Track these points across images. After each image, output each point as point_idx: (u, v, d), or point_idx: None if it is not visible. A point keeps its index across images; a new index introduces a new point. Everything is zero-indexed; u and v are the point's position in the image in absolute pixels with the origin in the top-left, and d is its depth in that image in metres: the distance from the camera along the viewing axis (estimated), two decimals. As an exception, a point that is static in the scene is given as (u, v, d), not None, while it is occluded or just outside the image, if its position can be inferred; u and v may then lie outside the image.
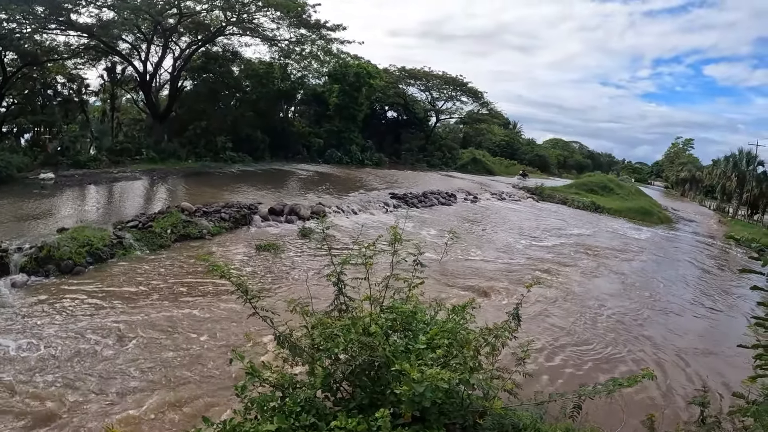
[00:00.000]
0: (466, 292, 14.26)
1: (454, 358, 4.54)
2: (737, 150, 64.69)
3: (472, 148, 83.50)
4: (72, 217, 18.17)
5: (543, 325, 12.96)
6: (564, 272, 18.91)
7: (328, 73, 53.82)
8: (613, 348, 12.08)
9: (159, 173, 31.76)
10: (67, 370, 8.30)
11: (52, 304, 10.89)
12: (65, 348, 9.01)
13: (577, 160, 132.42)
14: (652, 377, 4.83)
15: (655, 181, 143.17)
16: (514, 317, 5.42)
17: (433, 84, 70.30)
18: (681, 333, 14.06)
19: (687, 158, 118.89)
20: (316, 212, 22.30)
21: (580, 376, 10.17)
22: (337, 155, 52.35)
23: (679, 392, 10.19)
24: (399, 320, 5.02)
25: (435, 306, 5.58)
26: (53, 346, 9.02)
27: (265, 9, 40.44)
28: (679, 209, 60.22)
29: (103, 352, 8.99)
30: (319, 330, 4.88)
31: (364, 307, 5.39)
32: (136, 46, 41.47)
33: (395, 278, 5.57)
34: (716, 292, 20.03)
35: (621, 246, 26.83)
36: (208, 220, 18.54)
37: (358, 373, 4.52)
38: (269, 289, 12.80)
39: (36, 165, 27.94)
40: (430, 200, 32.53)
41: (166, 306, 11.28)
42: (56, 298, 11.32)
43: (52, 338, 9.30)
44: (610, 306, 15.46)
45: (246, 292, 4.90)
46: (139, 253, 15.08)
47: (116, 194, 24.89)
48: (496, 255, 20.34)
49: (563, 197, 46.47)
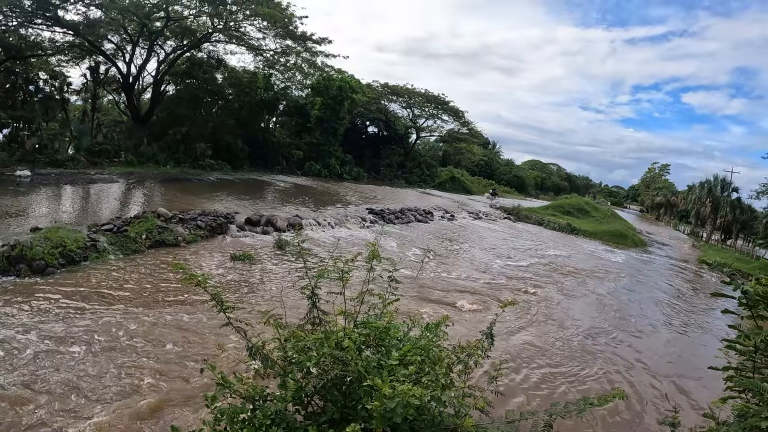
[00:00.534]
0: (441, 309, 14.31)
1: (426, 375, 4.56)
2: (712, 176, 66.52)
3: (451, 166, 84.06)
4: (47, 216, 17.98)
5: (516, 343, 13.02)
6: (539, 292, 19.03)
7: (311, 85, 54.10)
8: (585, 367, 12.16)
9: (136, 177, 31.57)
10: (32, 373, 8.15)
11: (22, 305, 10.70)
12: (32, 349, 8.85)
13: (555, 182, 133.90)
14: (622, 397, 4.93)
15: (631, 204, 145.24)
16: (487, 336, 5.47)
17: (415, 101, 70.74)
18: (653, 354, 14.20)
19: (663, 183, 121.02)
20: (292, 224, 22.25)
21: (553, 394, 10.22)
22: (317, 168, 52.49)
23: (650, 412, 10.28)
24: (372, 336, 5.05)
25: (409, 322, 5.62)
26: (20, 347, 8.86)
27: (252, 18, 40.64)
28: (654, 233, 61.07)
29: (72, 356, 8.84)
30: (292, 343, 4.89)
31: (338, 321, 5.42)
32: (121, 47, 41.42)
33: (370, 294, 5.60)
34: (688, 314, 20.30)
35: (596, 267, 27.08)
36: (184, 228, 18.39)
37: (330, 387, 4.53)
38: (243, 300, 12.74)
39: (13, 161, 27.66)
40: (407, 217, 32.59)
41: (138, 312, 11.16)
42: (26, 298, 11.12)
43: (19, 339, 9.14)
44: (583, 326, 15.58)
45: (221, 303, 4.90)
46: (113, 258, 14.92)
47: (92, 196, 24.68)
48: (472, 273, 20.44)
49: (540, 218, 46.83)
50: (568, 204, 56.12)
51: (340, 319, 5.37)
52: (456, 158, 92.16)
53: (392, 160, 68.00)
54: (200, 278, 4.92)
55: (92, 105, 43.42)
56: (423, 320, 5.72)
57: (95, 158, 33.42)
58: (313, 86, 54.09)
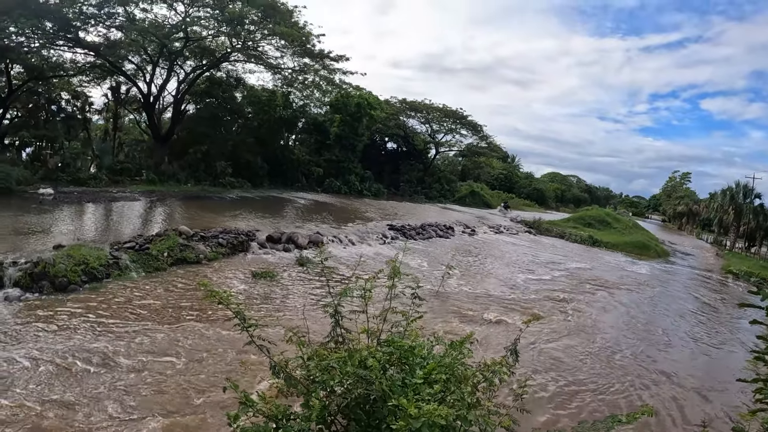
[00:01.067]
0: (465, 325, 14.20)
1: (451, 393, 4.50)
2: (734, 183, 65.37)
3: (471, 181, 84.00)
4: (69, 234, 18.14)
5: (542, 358, 12.84)
6: (564, 306, 18.81)
7: (329, 102, 54.36)
8: (612, 381, 11.94)
9: (158, 195, 31.81)
10: (54, 390, 8.19)
11: (45, 321, 10.79)
12: (56, 366, 8.90)
13: (575, 194, 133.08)
14: (651, 414, 4.81)
15: (653, 214, 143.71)
16: (511, 353, 5.39)
17: (433, 116, 70.93)
18: (680, 367, 13.92)
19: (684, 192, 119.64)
20: (313, 241, 22.28)
21: (580, 413, 10.04)
22: (336, 185, 52.55)
23: (678, 428, 10.07)
24: (396, 354, 4.98)
25: (432, 340, 5.54)
26: (43, 364, 8.90)
27: (270, 37, 41.04)
28: (677, 243, 60.15)
29: (94, 374, 8.87)
30: (315, 361, 4.84)
31: (361, 339, 5.36)
32: (141, 67, 42.02)
33: (393, 311, 5.54)
34: (715, 325, 19.89)
35: (620, 279, 26.71)
36: (206, 245, 18.46)
37: (354, 406, 4.47)
38: (265, 318, 12.72)
39: (36, 179, 28.01)
40: (428, 232, 32.49)
41: (160, 329, 11.18)
42: (49, 315, 11.23)
43: (42, 355, 9.19)
44: (609, 338, 15.33)
45: (244, 320, 4.87)
46: (135, 275, 15.00)
47: (114, 214, 24.89)
48: (494, 288, 20.26)
49: (561, 231, 46.40)
50: (589, 216, 55.56)
51: (363, 337, 5.31)
52: (475, 172, 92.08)
53: (412, 176, 68.04)
54: (223, 296, 4.90)
55: (114, 124, 44.06)
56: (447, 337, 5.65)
57: (117, 177, 33.78)
58: (331, 103, 54.38)
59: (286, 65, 45.92)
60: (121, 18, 35.69)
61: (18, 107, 38.32)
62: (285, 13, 39.53)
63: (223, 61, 44.43)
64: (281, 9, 39.28)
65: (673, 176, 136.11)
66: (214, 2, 37.02)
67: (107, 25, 36.20)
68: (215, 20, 38.86)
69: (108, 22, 35.84)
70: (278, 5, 39.03)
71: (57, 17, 32.52)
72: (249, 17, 38.28)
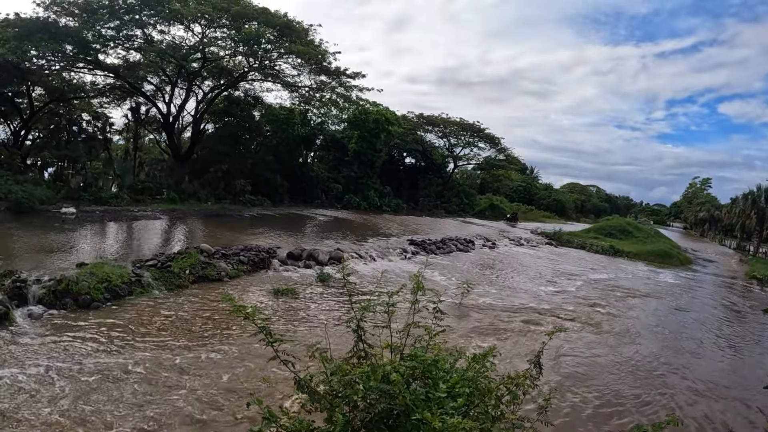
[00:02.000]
0: (487, 338, 14.10)
1: (475, 407, 4.46)
2: (755, 187, 64.47)
3: (490, 194, 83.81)
4: (91, 252, 18.35)
5: (566, 370, 12.70)
6: (586, 316, 18.60)
7: (347, 119, 54.59)
8: (638, 392, 11.76)
9: (179, 213, 32.05)
10: (78, 405, 8.24)
11: (68, 338, 10.92)
12: (79, 382, 8.99)
13: (595, 204, 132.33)
14: (676, 423, 4.75)
15: (674, 222, 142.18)
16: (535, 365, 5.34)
17: (450, 130, 70.91)
18: (706, 376, 13.68)
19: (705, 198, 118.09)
20: (334, 258, 22.31)
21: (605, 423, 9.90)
22: (356, 201, 52.63)
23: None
24: (420, 368, 4.95)
25: (455, 354, 5.50)
26: (67, 380, 9.00)
27: (286, 56, 41.39)
28: (699, 250, 59.47)
29: (117, 389, 8.93)
30: (339, 376, 4.82)
31: (384, 354, 5.34)
32: (160, 87, 42.70)
33: (416, 326, 5.51)
34: (741, 333, 19.52)
35: (643, 288, 26.35)
36: (227, 263, 18.56)
37: (377, 421, 4.45)
38: (287, 334, 12.71)
39: (58, 199, 28.40)
40: (448, 247, 32.41)
41: (183, 346, 11.23)
42: (73, 331, 11.36)
43: (66, 371, 9.29)
44: (634, 348, 15.10)
45: (269, 335, 4.87)
46: (157, 292, 15.12)
47: (136, 232, 25.11)
48: (516, 300, 20.13)
49: (581, 242, 46.11)
50: (610, 225, 55.09)
51: (386, 352, 5.29)
52: (494, 185, 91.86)
53: (431, 190, 68.08)
54: (249, 311, 4.91)
55: (134, 144, 44.60)
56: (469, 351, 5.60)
57: (138, 196, 34.15)
58: (349, 120, 54.63)
59: (303, 83, 46.34)
60: (139, 40, 36.36)
61: (40, 128, 39.07)
62: (301, 32, 39.93)
63: (240, 80, 44.91)
64: (297, 28, 39.69)
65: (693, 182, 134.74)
66: (231, 23, 37.51)
67: (126, 47, 36.95)
68: (232, 40, 39.40)
69: (127, 45, 36.54)
70: (294, 24, 39.47)
71: (76, 40, 33.16)
72: (265, 36, 38.74)
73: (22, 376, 9.00)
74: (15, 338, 10.67)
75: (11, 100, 35.03)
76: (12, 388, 8.57)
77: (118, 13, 33.75)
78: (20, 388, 8.61)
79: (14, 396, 8.35)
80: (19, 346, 10.30)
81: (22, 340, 10.64)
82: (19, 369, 9.27)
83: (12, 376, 8.95)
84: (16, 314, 11.85)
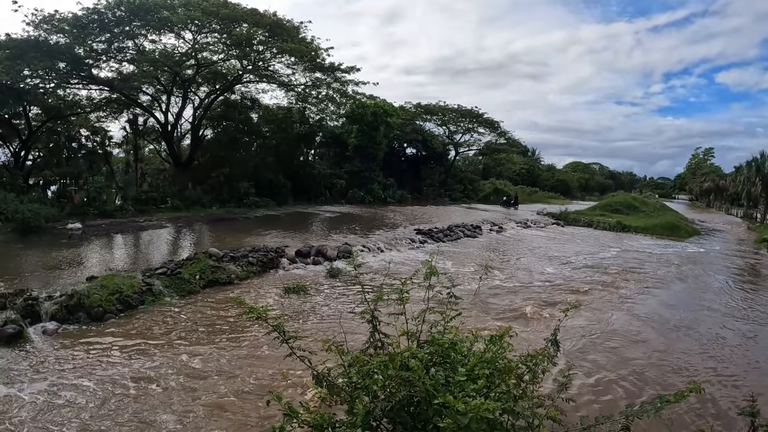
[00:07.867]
0: (503, 321, 14.06)
1: (496, 387, 4.44)
2: (758, 154, 63.84)
3: (493, 178, 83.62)
4: (101, 265, 18.36)
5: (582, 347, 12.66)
6: (600, 294, 18.57)
7: (345, 114, 54.38)
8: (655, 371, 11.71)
9: (184, 220, 32.03)
10: (99, 417, 8.25)
11: (83, 351, 10.95)
12: (97, 395, 9.00)
13: (599, 182, 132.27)
14: (699, 391, 4.71)
15: (680, 194, 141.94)
16: (552, 343, 5.31)
17: (449, 117, 70.74)
18: (722, 346, 13.65)
19: (709, 168, 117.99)
20: (343, 252, 22.32)
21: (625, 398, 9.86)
22: (360, 195, 52.53)
23: (726, 405, 9.84)
24: (438, 353, 4.93)
25: (472, 337, 5.47)
26: (85, 393, 9.02)
27: (279, 56, 41.24)
28: (707, 220, 59.58)
29: (137, 399, 8.95)
30: (356, 368, 4.80)
31: (401, 342, 5.31)
32: (156, 97, 42.65)
33: (431, 311, 5.49)
34: (753, 302, 19.41)
35: (653, 262, 26.30)
36: (236, 265, 18.56)
37: (398, 409, 4.43)
38: (301, 330, 12.70)
39: (64, 215, 28.39)
40: (455, 233, 32.43)
41: (198, 351, 11.25)
42: (87, 345, 11.41)
43: (83, 385, 9.31)
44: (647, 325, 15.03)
45: (283, 333, 4.86)
46: (169, 300, 15.15)
47: (143, 242, 25.12)
48: (528, 282, 20.11)
49: (589, 220, 46.12)
50: (616, 202, 55.02)
51: (403, 340, 5.26)
52: (497, 170, 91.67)
53: (433, 179, 68.01)
54: (261, 311, 4.91)
55: (134, 155, 44.55)
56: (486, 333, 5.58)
57: (142, 206, 34.12)
58: (347, 115, 54.38)
59: (299, 81, 46.14)
60: (131, 51, 36.27)
61: (39, 147, 39.01)
62: (291, 30, 39.73)
63: (235, 83, 44.78)
64: (287, 26, 39.49)
65: (696, 153, 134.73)
66: (221, 27, 37.33)
67: (119, 60, 36.87)
68: (223, 44, 39.21)
69: (119, 57, 36.48)
70: (284, 23, 39.25)
71: (69, 56, 33.11)
72: (256, 38, 38.55)
73: (38, 392, 9.01)
74: (29, 356, 10.68)
75: (8, 122, 35.02)
76: (30, 405, 8.60)
77: (108, 26, 33.58)
78: (36, 404, 8.62)
79: (36, 416, 8.36)
80: (34, 362, 10.32)
81: (37, 356, 10.67)
82: (36, 385, 9.29)
83: (31, 395, 8.97)
84: (30, 331, 11.88)
